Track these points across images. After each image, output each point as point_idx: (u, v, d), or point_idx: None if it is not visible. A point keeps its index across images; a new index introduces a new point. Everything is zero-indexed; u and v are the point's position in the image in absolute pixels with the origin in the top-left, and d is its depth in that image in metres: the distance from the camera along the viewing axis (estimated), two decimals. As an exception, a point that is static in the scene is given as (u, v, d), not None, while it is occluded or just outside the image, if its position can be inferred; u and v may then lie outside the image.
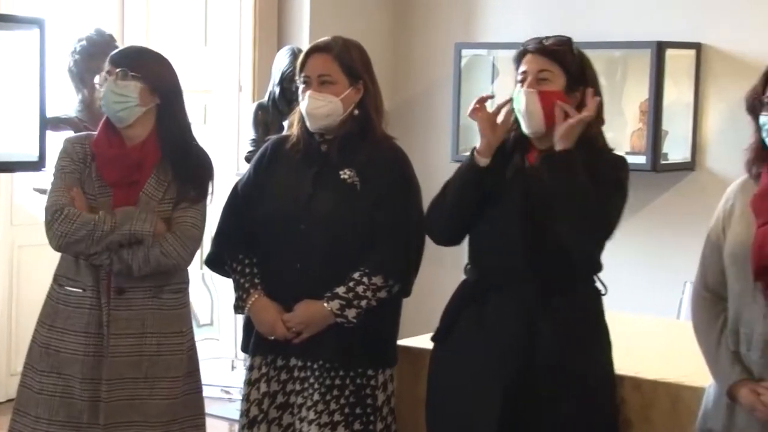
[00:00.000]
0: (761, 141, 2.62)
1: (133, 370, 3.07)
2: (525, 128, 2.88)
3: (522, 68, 2.90)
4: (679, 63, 4.70)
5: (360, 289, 3.01)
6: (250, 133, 4.87)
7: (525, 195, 2.85)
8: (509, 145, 2.94)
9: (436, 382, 3.02)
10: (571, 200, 2.79)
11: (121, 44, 4.97)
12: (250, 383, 3.13)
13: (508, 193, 2.88)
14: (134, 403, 3.07)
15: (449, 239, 3.03)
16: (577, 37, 4.75)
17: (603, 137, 2.95)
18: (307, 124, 3.07)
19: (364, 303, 3.01)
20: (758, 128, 2.61)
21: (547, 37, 2.91)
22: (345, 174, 3.05)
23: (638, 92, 4.83)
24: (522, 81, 2.88)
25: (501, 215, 2.88)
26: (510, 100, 2.89)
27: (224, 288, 5.14)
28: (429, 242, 3.05)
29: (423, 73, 5.64)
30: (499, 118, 2.90)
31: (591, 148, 2.87)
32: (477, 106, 2.91)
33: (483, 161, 2.89)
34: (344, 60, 3.07)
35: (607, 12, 4.95)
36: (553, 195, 2.79)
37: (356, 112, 3.08)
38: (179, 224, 3.09)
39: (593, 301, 2.94)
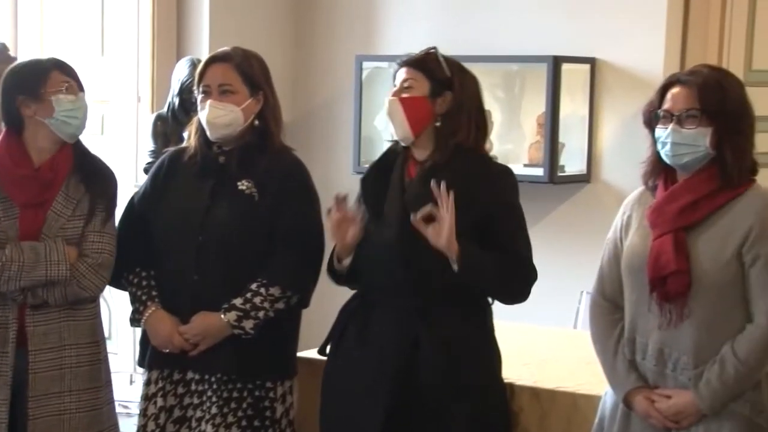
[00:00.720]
0: (657, 154, 2.68)
1: (56, 384, 3.01)
2: (395, 135, 2.92)
3: (395, 82, 2.94)
4: (574, 77, 4.79)
5: (257, 300, 2.98)
6: (149, 145, 4.80)
7: (404, 211, 2.85)
8: (391, 157, 2.96)
9: (326, 396, 3.01)
10: (491, 286, 2.86)
11: (15, 54, 4.86)
12: (146, 398, 3.08)
13: (388, 208, 2.89)
14: (63, 417, 3.01)
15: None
16: (475, 51, 4.88)
17: (483, 145, 2.98)
18: (207, 133, 3.04)
19: (261, 314, 2.98)
20: (654, 141, 2.67)
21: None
22: (243, 185, 3.03)
23: (535, 105, 4.90)
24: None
25: (381, 231, 2.88)
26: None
27: (121, 301, 5.04)
28: (328, 253, 3.04)
29: (324, 85, 5.63)
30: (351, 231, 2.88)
31: (475, 158, 2.90)
32: (333, 207, 2.88)
33: (344, 263, 2.92)
34: (245, 70, 3.05)
35: (506, 27, 5.01)
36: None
37: (256, 122, 3.07)
38: (92, 251, 3.02)
39: (480, 312, 2.96)
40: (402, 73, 2.91)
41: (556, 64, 4.67)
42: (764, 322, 2.56)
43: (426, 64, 2.89)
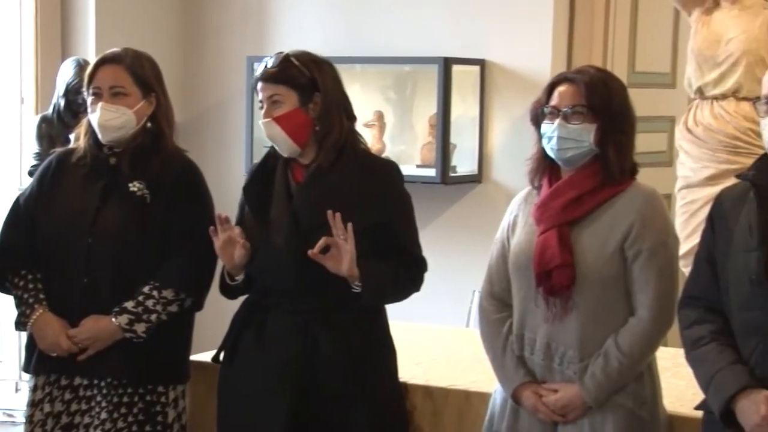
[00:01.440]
0: (543, 151, 2.74)
1: None
2: (283, 153, 2.89)
3: (258, 97, 2.90)
4: (465, 78, 4.85)
5: (150, 303, 2.95)
6: (33, 147, 4.70)
7: (293, 214, 2.85)
8: (271, 162, 2.95)
9: (224, 402, 2.99)
10: (391, 300, 2.92)
11: None
12: (32, 404, 3.01)
13: (276, 214, 2.88)
14: None
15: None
16: (367, 52, 4.90)
17: (363, 142, 2.99)
18: (99, 136, 2.99)
19: (154, 317, 2.95)
20: (540, 138, 2.73)
21: (269, 60, 2.89)
22: (135, 186, 2.99)
23: (427, 106, 4.94)
24: (261, 109, 2.90)
25: (271, 235, 2.87)
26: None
27: (6, 306, 4.91)
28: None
29: (215, 87, 5.58)
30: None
31: (358, 156, 2.91)
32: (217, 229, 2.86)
33: (238, 279, 2.91)
34: (136, 72, 3.00)
35: (397, 28, 5.05)
36: None
37: (148, 124, 3.03)
38: None
39: (376, 312, 2.97)
40: (265, 89, 2.87)
41: (446, 65, 4.72)
42: (646, 315, 2.64)
43: (287, 74, 2.85)
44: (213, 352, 3.03)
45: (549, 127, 2.69)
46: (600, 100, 2.66)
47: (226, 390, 2.98)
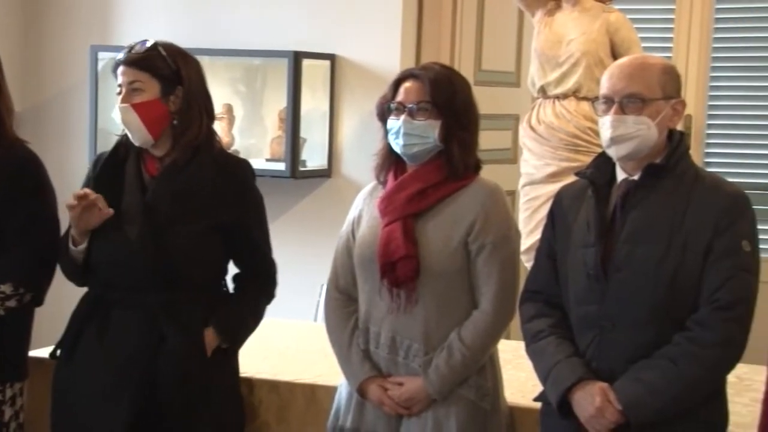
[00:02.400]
0: (389, 146, 2.76)
1: None
2: (134, 141, 2.84)
3: (118, 81, 2.84)
4: (315, 73, 4.84)
5: (-13, 298, 2.85)
6: None
7: (146, 208, 2.80)
8: (121, 151, 2.89)
9: (59, 403, 2.90)
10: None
11: None
12: None
13: (128, 206, 2.82)
14: None
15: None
16: (215, 44, 4.84)
17: (219, 141, 2.95)
18: None
19: (-9, 313, 2.85)
20: (386, 133, 2.76)
21: (134, 45, 2.84)
22: (-30, 179, 2.88)
23: (277, 100, 4.91)
24: (119, 93, 2.84)
25: (120, 228, 2.81)
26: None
27: None
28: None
29: (58, 76, 5.41)
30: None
31: (214, 154, 2.87)
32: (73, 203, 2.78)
33: (80, 248, 2.84)
34: (-26, 61, 2.89)
35: (247, 20, 5.00)
36: None
37: (-14, 114, 2.93)
38: None
39: None
40: (126, 74, 2.81)
41: (296, 59, 4.70)
42: (489, 308, 2.69)
43: (151, 62, 2.81)
44: (52, 348, 2.94)
45: (395, 123, 2.71)
46: (444, 97, 2.70)
47: (60, 390, 2.89)
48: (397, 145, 2.72)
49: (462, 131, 2.71)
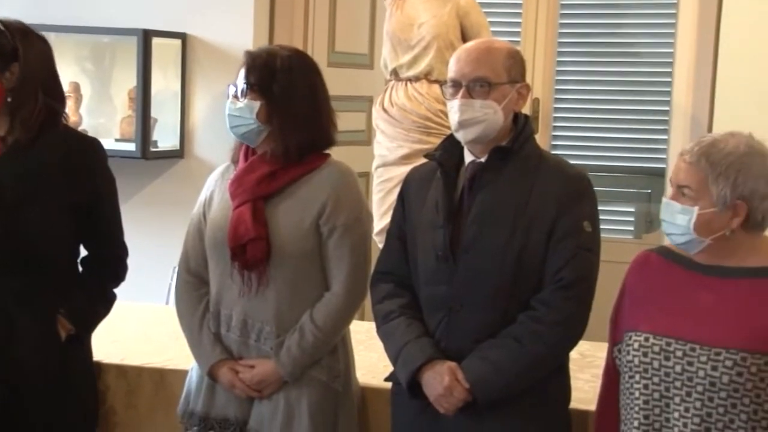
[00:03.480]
0: None
1: None
2: None
3: None
4: (166, 52, 4.75)
5: None
6: None
7: None
8: None
9: None
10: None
11: None
12: None
13: None
14: None
15: None
16: (62, 21, 4.69)
17: (67, 119, 2.88)
18: None
19: None
20: None
21: None
22: None
23: (127, 79, 4.81)
24: None
25: None
26: None
27: None
28: None
29: None
30: None
31: (63, 134, 2.79)
32: None
33: None
34: None
35: (97, -2, 4.88)
36: None
37: None
38: None
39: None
40: None
41: (146, 37, 4.61)
42: (340, 290, 2.71)
43: None
44: None
45: (232, 107, 2.71)
46: (262, 78, 2.68)
47: None
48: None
49: (285, 111, 2.69)
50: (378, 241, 3.93)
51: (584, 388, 2.91)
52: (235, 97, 2.69)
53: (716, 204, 2.24)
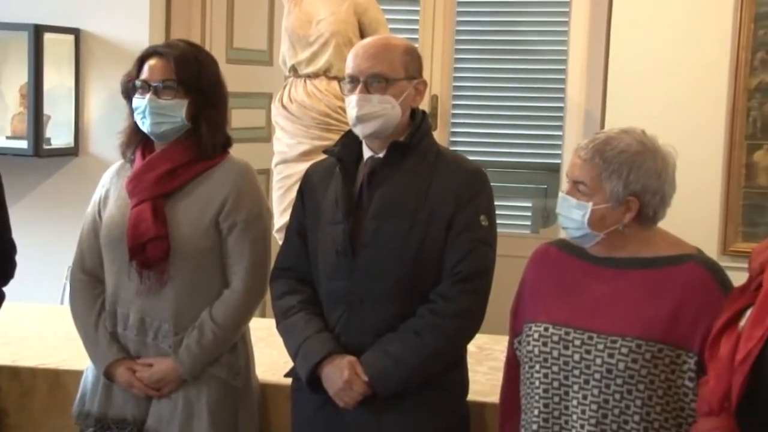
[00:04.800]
0: (135, 125, 2.70)
1: None
2: None
3: None
4: (58, 47, 4.66)
5: None
6: None
7: None
8: None
9: None
10: None
11: None
12: None
13: None
14: None
15: None
16: (-52, 15, 4.56)
17: None
18: None
19: None
20: (132, 111, 2.70)
21: None
22: None
23: (18, 75, 4.70)
24: None
25: None
26: None
27: None
28: None
29: None
30: None
31: None
32: None
33: None
34: None
35: (-15, -8, 4.76)
36: None
37: None
38: None
39: None
40: None
41: (37, 32, 4.51)
42: (240, 287, 2.69)
43: None
44: None
45: (141, 102, 2.66)
46: (191, 75, 2.67)
47: None
48: (144, 124, 2.67)
49: (210, 109, 2.69)
50: (278, 238, 3.91)
51: (482, 380, 2.95)
52: (155, 93, 2.64)
53: (609, 200, 2.29)
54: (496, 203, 2.66)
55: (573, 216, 2.32)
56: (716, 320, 2.14)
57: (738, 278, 2.20)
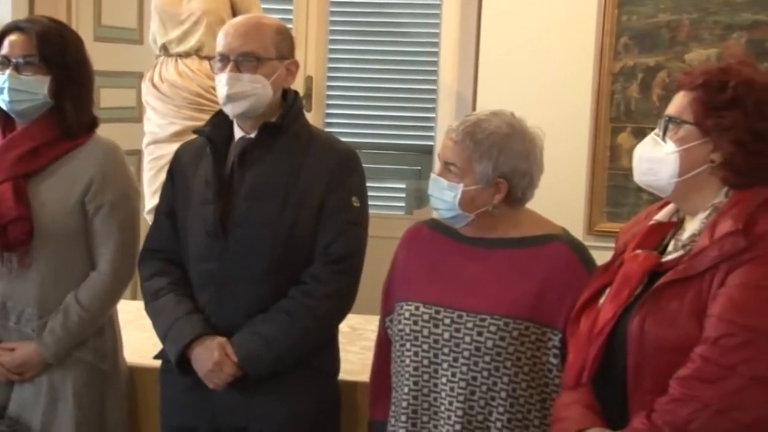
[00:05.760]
0: None
1: None
2: None
3: None
4: None
5: None
6: None
7: None
8: None
9: None
10: None
11: None
12: None
13: None
14: None
15: None
16: None
17: None
18: None
19: None
20: None
21: None
22: None
23: None
24: None
25: None
26: None
27: None
28: None
29: None
30: None
31: None
32: None
33: None
34: None
35: None
36: None
37: None
38: None
39: None
40: None
41: None
42: (106, 269, 2.64)
43: None
44: None
45: (1, 78, 2.59)
46: (54, 52, 2.60)
47: None
48: (4, 102, 2.60)
49: (75, 87, 2.63)
50: (149, 220, 3.85)
51: (354, 360, 2.97)
52: (15, 69, 2.56)
53: (480, 181, 2.33)
54: (370, 185, 2.67)
55: (444, 197, 2.35)
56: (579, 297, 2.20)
57: (603, 257, 2.27)
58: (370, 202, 2.64)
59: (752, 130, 2.02)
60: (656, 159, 2.08)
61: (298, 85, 4.94)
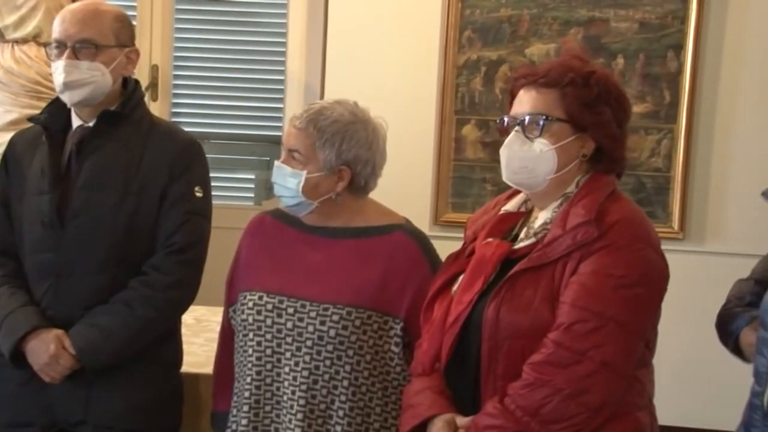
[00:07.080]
0: None
1: None
2: None
3: None
4: None
5: None
6: None
7: None
8: None
9: None
10: None
11: None
12: None
13: None
14: None
15: None
16: None
17: None
18: None
19: None
20: None
21: None
22: None
23: None
24: None
25: None
26: None
27: None
28: None
29: None
30: None
31: None
32: None
33: None
34: None
35: None
36: None
37: None
38: None
39: None
40: None
41: None
42: None
43: None
44: None
45: None
46: None
47: None
48: None
49: None
50: None
51: (198, 351, 2.95)
52: None
53: (323, 168, 2.34)
54: (219, 175, 2.65)
55: (288, 184, 2.35)
56: (428, 286, 2.23)
57: (449, 246, 2.30)
58: (219, 193, 2.63)
59: (618, 122, 2.11)
60: (530, 157, 2.10)
61: (143, 75, 4.86)
